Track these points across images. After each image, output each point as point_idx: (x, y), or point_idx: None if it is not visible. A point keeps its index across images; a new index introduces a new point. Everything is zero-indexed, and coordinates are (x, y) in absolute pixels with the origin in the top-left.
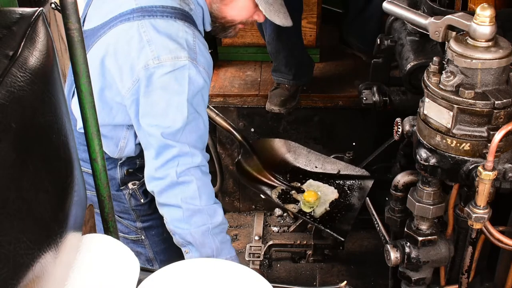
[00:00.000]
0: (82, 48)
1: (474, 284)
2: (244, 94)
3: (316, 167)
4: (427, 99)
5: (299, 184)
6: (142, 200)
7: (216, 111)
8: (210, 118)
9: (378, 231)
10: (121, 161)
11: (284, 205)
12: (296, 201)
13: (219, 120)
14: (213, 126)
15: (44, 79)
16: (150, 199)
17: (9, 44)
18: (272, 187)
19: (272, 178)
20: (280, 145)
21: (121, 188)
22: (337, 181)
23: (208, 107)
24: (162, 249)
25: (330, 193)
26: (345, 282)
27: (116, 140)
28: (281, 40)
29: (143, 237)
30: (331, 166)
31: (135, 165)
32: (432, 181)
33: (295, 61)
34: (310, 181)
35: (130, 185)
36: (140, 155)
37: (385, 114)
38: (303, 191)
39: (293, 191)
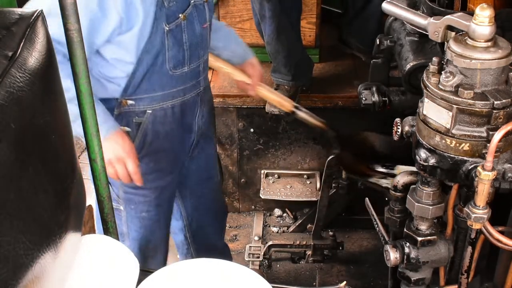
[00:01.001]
0: (81, 48)
1: (473, 284)
2: (243, 95)
3: (396, 151)
4: (426, 99)
5: (390, 171)
6: None
7: (307, 110)
8: (299, 117)
9: (378, 231)
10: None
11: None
12: None
13: (309, 118)
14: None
15: (43, 80)
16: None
17: (8, 44)
18: (370, 177)
19: (368, 170)
20: (365, 138)
21: None
22: None
23: (297, 108)
24: (137, 227)
25: None
26: (344, 282)
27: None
28: (280, 40)
29: (121, 208)
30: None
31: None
32: (432, 181)
33: (294, 62)
34: (398, 166)
35: None
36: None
37: (385, 114)
38: (394, 176)
39: (389, 178)
